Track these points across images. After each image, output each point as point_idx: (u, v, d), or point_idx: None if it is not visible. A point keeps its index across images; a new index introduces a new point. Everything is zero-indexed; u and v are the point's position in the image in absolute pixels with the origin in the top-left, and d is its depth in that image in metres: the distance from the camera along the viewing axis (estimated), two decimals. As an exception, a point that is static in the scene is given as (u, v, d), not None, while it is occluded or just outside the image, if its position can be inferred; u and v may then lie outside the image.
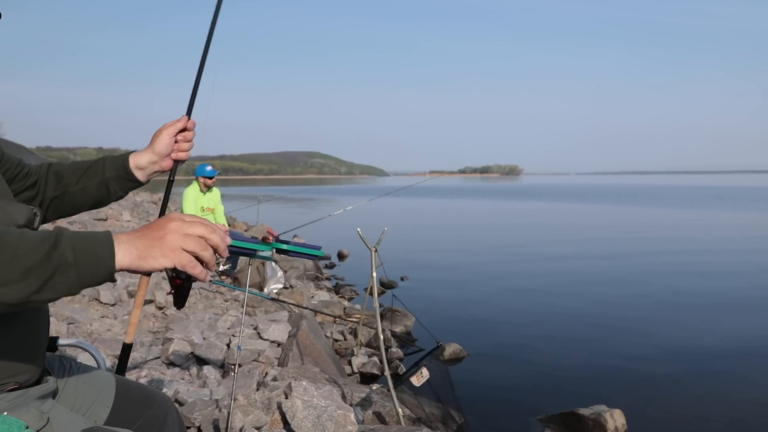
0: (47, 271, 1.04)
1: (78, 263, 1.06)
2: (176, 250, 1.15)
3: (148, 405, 1.85)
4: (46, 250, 1.04)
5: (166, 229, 1.16)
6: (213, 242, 1.21)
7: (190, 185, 9.26)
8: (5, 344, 1.39)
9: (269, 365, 5.02)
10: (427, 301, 9.43)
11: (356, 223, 4.86)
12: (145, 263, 1.13)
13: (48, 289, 1.05)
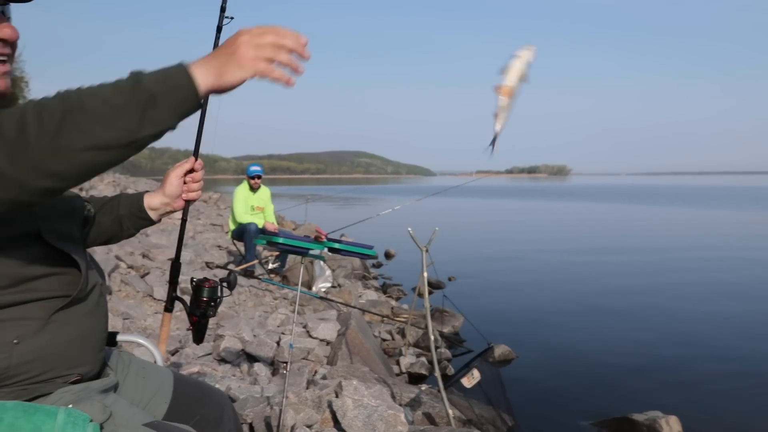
0: (139, 106, 1.08)
1: (165, 93, 1.10)
2: (252, 60, 1.16)
3: (205, 401, 1.87)
4: (131, 88, 1.09)
5: (236, 44, 1.16)
6: (288, 46, 1.20)
7: (241, 184, 9.38)
8: (67, 335, 1.42)
9: (318, 363, 5.05)
10: (474, 302, 9.36)
11: (403, 222, 4.85)
12: (225, 80, 1.15)
13: (147, 125, 1.09)
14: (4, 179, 1.05)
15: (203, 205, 22.04)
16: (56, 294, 1.41)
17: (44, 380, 1.40)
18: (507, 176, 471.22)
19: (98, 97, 1.07)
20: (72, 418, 1.31)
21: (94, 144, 1.06)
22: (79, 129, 1.04)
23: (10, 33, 1.39)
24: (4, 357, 1.32)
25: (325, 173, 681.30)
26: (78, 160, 1.06)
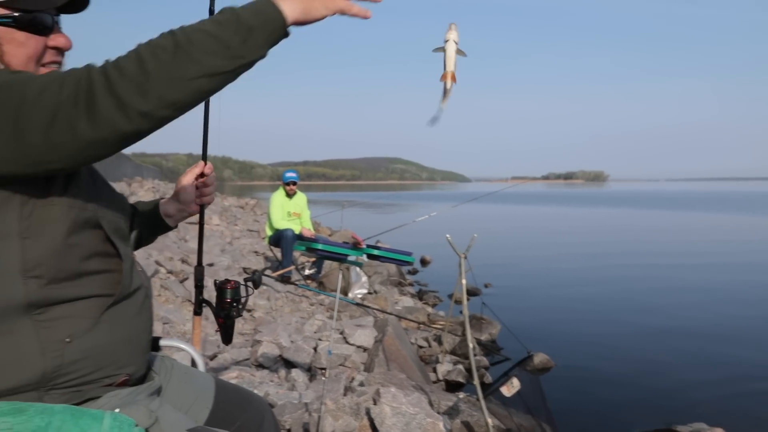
0: (240, 37, 1.21)
1: (260, 25, 1.23)
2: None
3: (246, 407, 1.86)
4: (232, 22, 1.21)
5: None
6: None
7: (277, 191, 9.45)
8: (116, 335, 1.43)
9: (355, 370, 5.04)
10: (510, 309, 9.26)
11: (438, 229, 4.82)
12: (309, 15, 1.29)
13: (246, 53, 1.22)
14: (131, 111, 1.16)
15: (240, 211, 22.26)
16: (105, 292, 1.42)
17: (94, 380, 1.40)
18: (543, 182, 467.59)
19: (203, 32, 1.19)
20: (118, 422, 1.32)
21: (205, 72, 1.18)
22: (191, 59, 1.17)
23: (64, 42, 1.46)
24: (56, 355, 1.32)
25: (359, 179, 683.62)
26: (191, 88, 1.18)
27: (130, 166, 41.31)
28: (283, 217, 9.17)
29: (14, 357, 1.30)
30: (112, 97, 1.14)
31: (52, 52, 1.45)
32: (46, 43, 1.43)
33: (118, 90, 1.14)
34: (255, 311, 6.80)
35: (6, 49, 1.40)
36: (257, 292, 7.47)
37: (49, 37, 1.43)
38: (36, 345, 1.31)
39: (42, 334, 1.32)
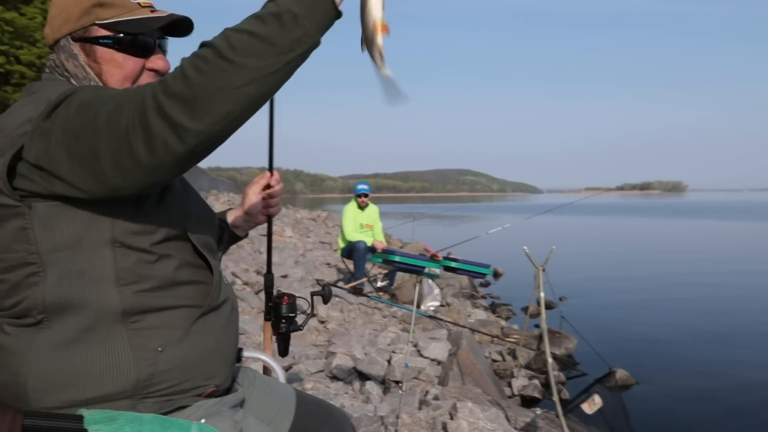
0: (285, 29, 1.12)
1: (306, 11, 1.13)
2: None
3: (327, 419, 1.86)
4: (273, 15, 1.12)
5: None
6: None
7: (349, 203, 9.51)
8: (205, 346, 1.44)
9: (430, 383, 4.99)
10: (586, 323, 9.02)
11: (509, 241, 4.74)
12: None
13: (296, 45, 1.13)
14: (183, 131, 1.11)
15: (312, 224, 22.53)
16: (195, 303, 1.45)
17: (184, 390, 1.42)
18: (618, 193, 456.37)
19: (244, 32, 1.11)
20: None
21: (252, 76, 1.10)
22: (235, 66, 1.09)
23: (162, 65, 1.50)
24: (149, 363, 1.35)
25: (429, 191, 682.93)
26: (241, 96, 1.11)
27: (206, 179, 42.52)
28: (355, 229, 9.22)
29: (109, 364, 1.32)
30: (163, 119, 1.11)
31: (149, 74, 1.49)
32: (144, 65, 1.48)
33: (167, 111, 1.11)
34: (328, 323, 6.84)
35: (105, 69, 1.46)
36: (330, 303, 7.52)
37: (148, 59, 1.49)
38: (130, 353, 1.33)
39: (135, 342, 1.35)
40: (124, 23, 1.45)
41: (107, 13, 1.45)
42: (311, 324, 6.66)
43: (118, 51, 1.46)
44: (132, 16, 1.45)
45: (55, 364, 1.31)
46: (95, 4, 1.44)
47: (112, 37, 1.45)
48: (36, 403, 1.31)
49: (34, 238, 1.29)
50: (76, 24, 1.46)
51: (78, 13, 1.45)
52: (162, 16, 1.47)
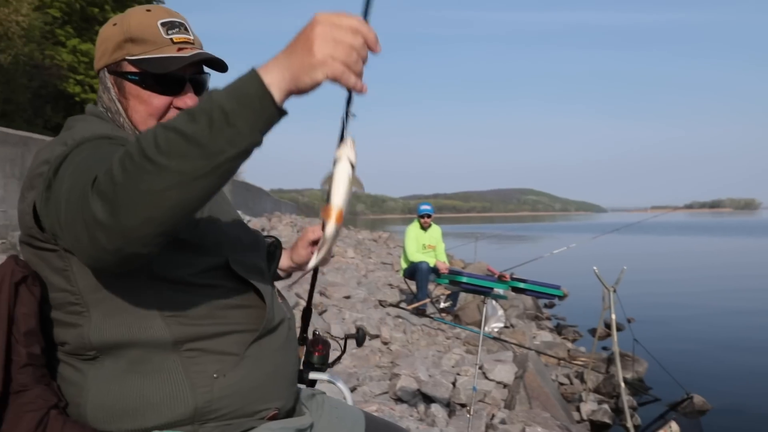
0: (213, 127, 0.99)
1: (239, 107, 1.00)
2: (328, 59, 1.01)
3: None
4: (201, 110, 1.00)
5: (312, 36, 1.02)
6: (369, 41, 1.05)
7: (412, 223, 9.49)
8: (262, 369, 1.43)
9: (496, 407, 4.90)
10: (657, 346, 8.68)
11: (573, 260, 4.62)
12: (301, 83, 1.02)
13: (226, 147, 1.00)
14: (108, 230, 1.03)
15: (374, 245, 22.59)
16: (248, 327, 1.43)
17: (244, 414, 1.41)
18: (686, 211, 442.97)
19: (170, 129, 1.00)
20: (272, 456, 1.31)
21: (176, 180, 1.00)
22: (157, 167, 0.99)
23: (190, 104, 1.48)
24: (206, 391, 1.35)
25: (490, 211, 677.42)
26: (165, 201, 1.01)
27: (270, 201, 43.23)
28: (418, 249, 9.18)
29: (166, 394, 1.33)
30: (90, 214, 1.04)
31: (176, 112, 1.48)
32: (171, 103, 1.48)
33: (91, 206, 1.03)
34: (391, 344, 6.80)
35: (131, 104, 1.48)
36: (393, 324, 7.49)
37: (176, 97, 1.48)
38: (186, 381, 1.34)
39: (191, 370, 1.35)
40: (149, 61, 1.44)
41: (137, 49, 1.45)
42: (374, 345, 6.63)
43: (144, 88, 1.46)
44: (159, 54, 1.44)
45: (112, 395, 1.33)
46: (127, 39, 1.45)
47: (138, 73, 1.46)
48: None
49: (74, 278, 1.32)
50: (110, 58, 1.48)
51: (113, 46, 1.47)
52: (185, 56, 1.45)
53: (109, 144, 1.30)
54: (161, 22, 1.47)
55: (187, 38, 1.49)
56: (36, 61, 21.15)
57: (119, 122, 1.49)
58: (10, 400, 1.30)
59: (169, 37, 1.47)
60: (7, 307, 1.32)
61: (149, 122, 1.47)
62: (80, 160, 1.23)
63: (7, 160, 12.25)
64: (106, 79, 1.50)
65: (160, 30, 1.46)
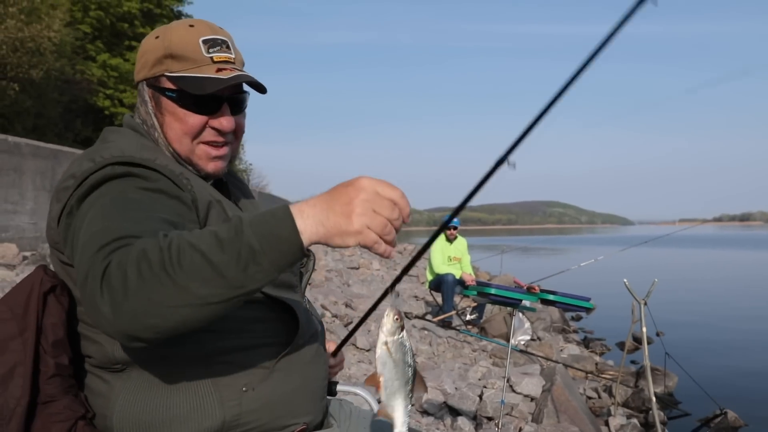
0: (239, 262, 1.01)
1: (267, 249, 1.02)
2: (362, 227, 1.04)
3: None
4: (231, 242, 1.02)
5: (353, 201, 1.05)
6: (403, 216, 1.09)
7: (437, 235, 9.45)
8: (292, 383, 1.42)
9: (523, 420, 4.84)
10: (687, 361, 8.56)
11: (599, 273, 4.55)
12: (332, 241, 1.06)
13: (247, 281, 1.03)
14: (107, 324, 1.04)
15: (399, 257, 22.55)
16: (278, 341, 1.43)
17: (273, 429, 1.40)
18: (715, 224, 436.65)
19: (197, 251, 1.01)
20: (301, 468, 1.30)
21: (190, 302, 1.01)
22: (175, 284, 1.00)
23: (225, 125, 1.46)
24: (234, 404, 1.34)
25: (516, 224, 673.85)
26: (174, 316, 1.02)
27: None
28: (443, 261, 9.14)
29: (194, 407, 1.32)
30: (92, 296, 1.04)
31: (212, 132, 1.47)
32: (207, 122, 1.46)
33: (96, 297, 1.03)
34: (417, 356, 6.76)
35: (167, 121, 1.46)
36: (419, 336, 7.45)
37: (212, 116, 1.46)
38: (214, 394, 1.33)
39: (220, 383, 1.34)
40: (187, 80, 1.42)
41: (176, 65, 1.43)
42: (400, 357, 6.59)
43: (180, 106, 1.44)
44: (197, 74, 1.42)
45: (138, 407, 1.33)
46: (167, 54, 1.44)
47: (176, 90, 1.44)
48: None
49: None
50: (149, 71, 1.47)
51: (152, 60, 1.46)
52: (222, 78, 1.42)
53: (134, 189, 1.27)
54: (203, 39, 1.45)
55: (227, 57, 1.47)
56: (67, 76, 21.57)
57: (154, 137, 1.49)
58: (38, 410, 1.31)
59: (210, 56, 1.44)
60: (35, 316, 1.32)
61: (183, 140, 1.45)
62: (102, 205, 1.22)
63: (38, 173, 12.46)
64: (144, 92, 1.50)
65: (201, 47, 1.44)
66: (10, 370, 1.29)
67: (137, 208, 1.20)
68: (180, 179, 1.37)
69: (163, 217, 1.20)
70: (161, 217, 1.20)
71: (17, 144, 11.81)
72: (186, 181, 1.39)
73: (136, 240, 1.08)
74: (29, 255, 10.58)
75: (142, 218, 1.17)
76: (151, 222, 1.16)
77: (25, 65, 17.58)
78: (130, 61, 24.93)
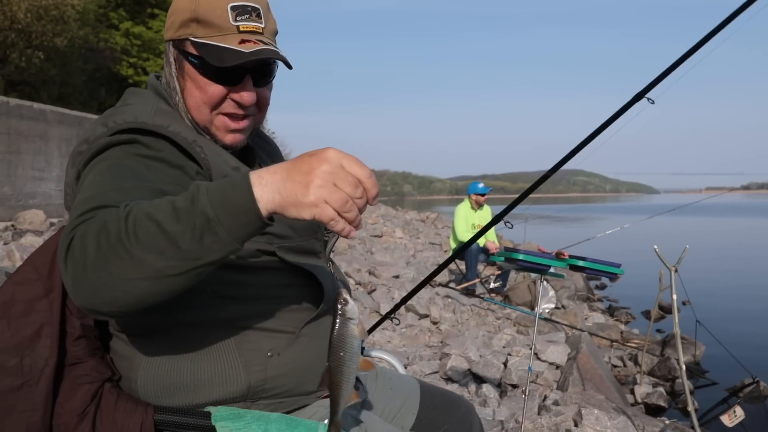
0: (195, 232, 0.98)
1: (224, 217, 0.98)
2: (320, 200, 0.99)
3: (453, 411, 1.80)
4: (186, 211, 0.98)
5: (314, 171, 1.00)
6: (368, 195, 1.04)
7: (462, 203, 9.39)
8: (317, 349, 1.40)
9: (548, 388, 4.82)
10: (715, 329, 8.48)
11: (624, 242, 4.47)
12: (288, 211, 1.01)
13: (204, 252, 0.99)
14: (72, 296, 1.04)
15: (421, 225, 22.53)
16: (303, 307, 1.41)
17: (298, 394, 1.39)
18: (743, 192, 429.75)
19: (153, 221, 0.97)
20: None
21: (147, 274, 0.98)
22: (131, 257, 0.97)
23: (246, 98, 1.40)
24: (260, 369, 1.33)
25: (539, 192, 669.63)
26: (133, 288, 0.99)
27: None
28: (467, 229, 9.08)
29: (218, 371, 1.31)
30: (64, 274, 1.03)
31: (232, 104, 1.41)
32: (228, 93, 1.40)
33: (63, 265, 1.02)
34: (441, 324, 6.76)
35: (188, 86, 1.41)
36: (442, 304, 7.44)
37: (233, 87, 1.39)
38: (239, 359, 1.32)
39: (244, 348, 1.33)
40: (209, 48, 1.35)
41: (201, 31, 1.37)
42: (424, 325, 6.60)
43: (201, 74, 1.38)
44: (221, 43, 1.35)
45: (163, 370, 1.32)
46: (193, 18, 1.37)
47: (198, 57, 1.38)
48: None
49: None
50: (175, 33, 1.41)
51: (179, 22, 1.39)
52: (243, 52, 1.34)
53: (133, 157, 1.24)
54: (232, 5, 1.36)
55: (255, 27, 1.38)
56: (90, 44, 21.60)
57: (174, 100, 1.44)
58: (65, 371, 1.30)
59: (236, 24, 1.36)
60: (60, 277, 1.31)
61: (202, 109, 1.40)
62: (98, 171, 1.20)
63: (64, 140, 12.55)
64: (170, 52, 1.44)
65: (228, 14, 1.36)
66: (37, 331, 1.28)
67: (129, 177, 1.17)
68: (193, 147, 1.33)
69: (155, 187, 1.17)
70: (153, 186, 1.16)
71: (42, 111, 11.89)
72: (199, 149, 1.35)
73: (109, 210, 1.05)
74: (56, 222, 10.71)
75: (131, 188, 1.13)
76: (139, 192, 1.13)
77: (49, 33, 17.62)
78: (153, 29, 24.91)
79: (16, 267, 5.84)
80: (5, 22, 16.14)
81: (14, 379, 1.24)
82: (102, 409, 1.27)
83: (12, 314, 1.28)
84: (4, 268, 5.49)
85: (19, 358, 1.25)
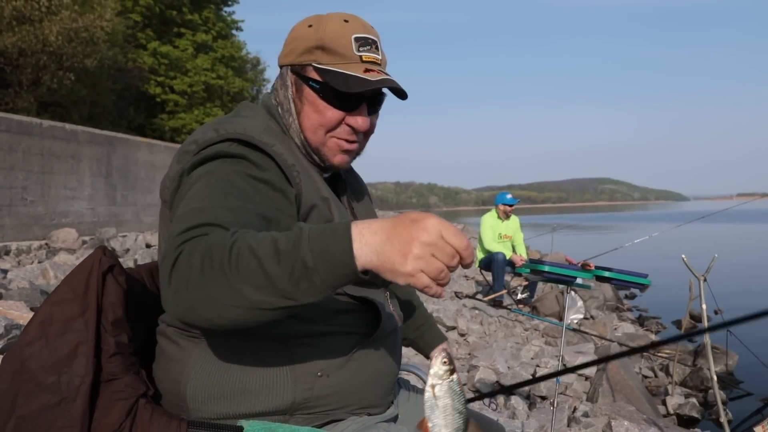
0: (292, 276, 1.02)
1: (322, 269, 1.02)
2: (415, 268, 1.01)
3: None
4: (287, 255, 1.02)
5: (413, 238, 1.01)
6: (462, 263, 1.05)
7: (488, 213, 9.36)
8: (365, 374, 1.44)
9: (577, 399, 4.79)
10: (748, 339, 8.34)
11: (653, 250, 4.42)
12: (381, 275, 1.04)
13: (297, 295, 1.04)
14: (168, 306, 1.13)
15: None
16: (357, 331, 1.44)
17: (336, 414, 1.41)
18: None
19: (255, 257, 1.03)
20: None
21: (242, 303, 1.04)
22: (230, 286, 1.03)
23: (360, 124, 1.47)
24: (307, 388, 1.35)
25: (566, 201, 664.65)
26: (227, 313, 1.06)
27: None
28: (494, 239, 9.05)
29: (267, 384, 1.34)
30: (165, 276, 1.11)
31: (346, 129, 1.47)
32: (344, 118, 1.46)
33: (165, 278, 1.10)
34: (468, 335, 6.75)
35: (305, 110, 1.47)
36: (470, 315, 7.43)
37: (349, 113, 1.46)
38: (289, 375, 1.35)
39: (296, 365, 1.36)
40: (335, 74, 1.42)
41: (326, 58, 1.44)
42: (451, 337, 6.59)
43: (321, 98, 1.45)
44: (345, 70, 1.42)
45: (214, 377, 1.35)
46: (318, 46, 1.44)
47: (321, 83, 1.44)
48: (194, 412, 1.36)
49: None
50: (297, 58, 1.48)
51: (302, 49, 1.46)
52: (370, 80, 1.41)
53: (242, 175, 1.29)
54: (355, 36, 1.45)
55: (375, 58, 1.47)
56: (119, 65, 22.00)
57: (287, 121, 1.50)
58: (101, 388, 1.33)
59: (360, 54, 1.44)
60: (96, 296, 1.35)
61: (318, 131, 1.46)
62: (207, 183, 1.26)
63: (94, 159, 12.78)
64: (288, 77, 1.51)
65: (352, 44, 1.44)
66: (73, 349, 1.32)
67: (237, 196, 1.23)
68: (291, 171, 1.39)
69: (259, 211, 1.23)
70: (257, 211, 1.23)
71: (74, 131, 12.13)
72: (296, 173, 1.40)
73: (218, 230, 1.12)
74: (88, 240, 10.89)
75: (238, 207, 1.20)
76: (245, 214, 1.20)
77: (79, 55, 17.98)
78: (180, 47, 25.29)
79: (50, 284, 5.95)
80: (37, 45, 16.50)
81: (52, 397, 1.28)
82: (137, 423, 1.31)
83: (50, 333, 1.32)
84: (39, 286, 5.61)
85: (57, 375, 1.29)
